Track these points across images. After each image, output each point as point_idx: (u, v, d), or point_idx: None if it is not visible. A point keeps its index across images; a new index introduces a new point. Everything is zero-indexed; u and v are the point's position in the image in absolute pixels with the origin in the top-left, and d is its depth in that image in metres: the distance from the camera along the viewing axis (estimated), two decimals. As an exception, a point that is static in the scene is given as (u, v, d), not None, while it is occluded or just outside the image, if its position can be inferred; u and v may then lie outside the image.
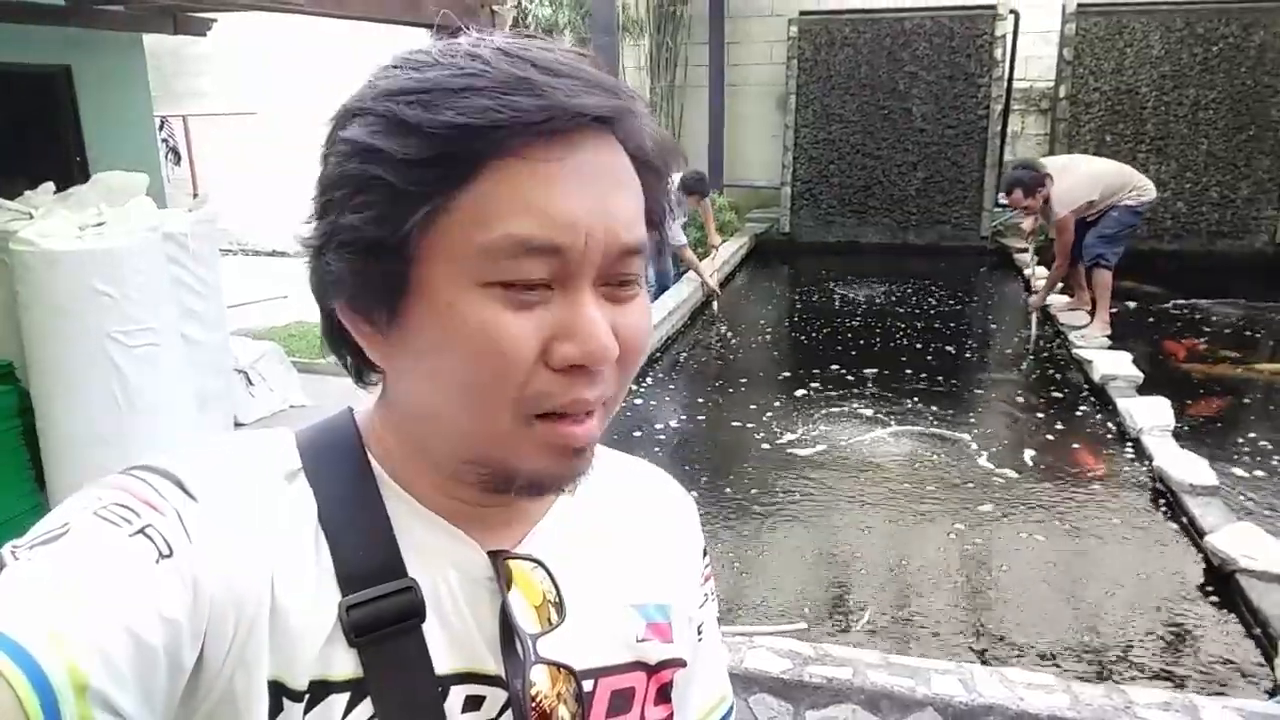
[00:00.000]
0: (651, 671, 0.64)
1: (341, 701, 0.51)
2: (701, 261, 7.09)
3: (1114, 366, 5.06)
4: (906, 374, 5.52)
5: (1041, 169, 5.74)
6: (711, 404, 5.12)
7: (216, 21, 6.70)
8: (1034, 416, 4.87)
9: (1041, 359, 5.88)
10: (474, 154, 0.48)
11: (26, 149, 6.34)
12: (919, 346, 6.15)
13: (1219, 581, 3.11)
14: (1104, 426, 4.62)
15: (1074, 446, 4.43)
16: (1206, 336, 6.23)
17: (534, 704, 0.57)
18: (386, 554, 0.54)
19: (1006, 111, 9.18)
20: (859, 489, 3.95)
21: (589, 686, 0.60)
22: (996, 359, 6.18)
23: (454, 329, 0.49)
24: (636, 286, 0.54)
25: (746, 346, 6.40)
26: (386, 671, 0.52)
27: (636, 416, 4.82)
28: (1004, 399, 5.21)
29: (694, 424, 4.86)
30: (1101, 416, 4.75)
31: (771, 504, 3.83)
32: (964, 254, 9.12)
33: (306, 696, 0.51)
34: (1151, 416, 4.35)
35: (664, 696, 0.65)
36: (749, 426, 4.70)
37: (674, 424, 4.83)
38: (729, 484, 4.03)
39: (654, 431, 4.69)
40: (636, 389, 5.22)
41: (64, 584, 0.44)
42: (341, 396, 0.62)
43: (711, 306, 7.12)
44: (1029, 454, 4.31)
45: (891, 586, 3.18)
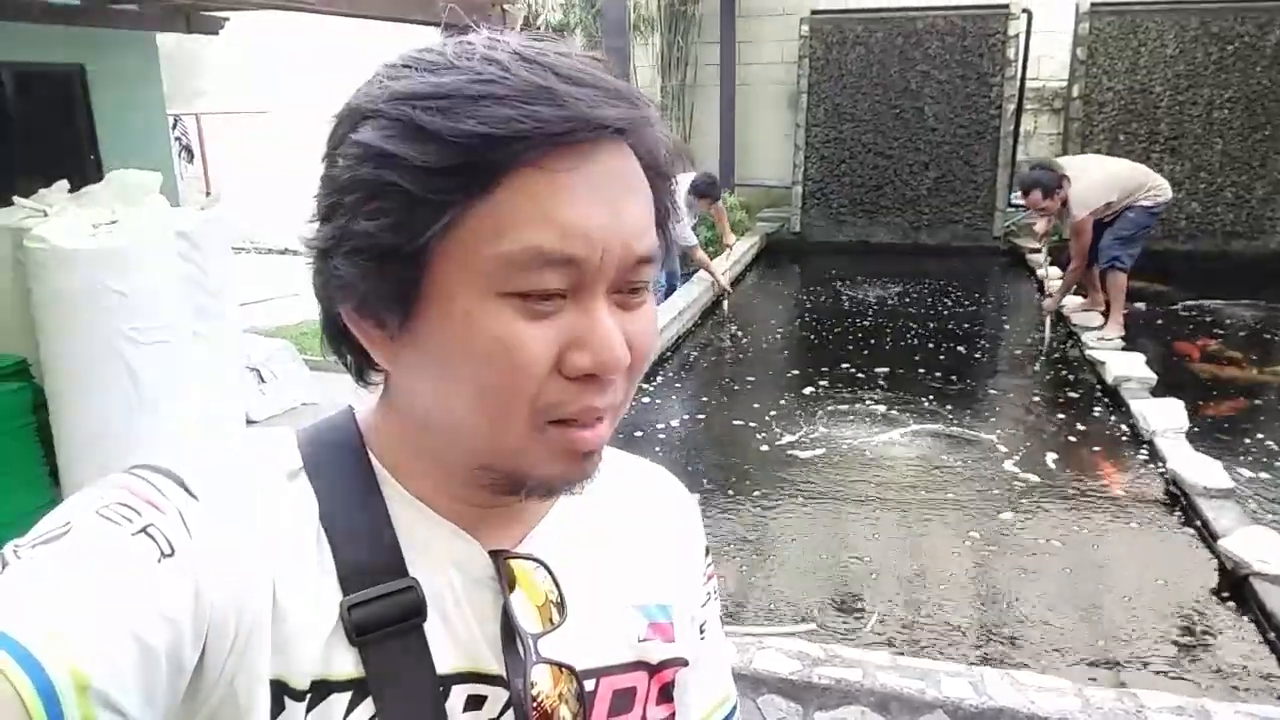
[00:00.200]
0: (653, 671, 0.64)
1: (343, 701, 0.51)
2: (714, 260, 7.08)
3: (1127, 368, 5.03)
4: (918, 374, 5.50)
5: (1059, 170, 5.65)
6: (720, 403, 5.11)
7: (229, 20, 6.75)
8: (1046, 418, 4.84)
9: (1054, 360, 5.85)
10: (493, 164, 0.47)
11: (41, 147, 6.39)
12: (931, 346, 6.12)
13: (1233, 585, 3.09)
14: (1117, 429, 4.59)
15: (1087, 449, 4.39)
16: (1221, 338, 6.18)
17: (535, 704, 0.57)
18: (388, 553, 0.54)
19: (1019, 111, 9.12)
20: (870, 488, 3.94)
21: (590, 686, 0.60)
22: (1009, 360, 6.15)
23: (470, 338, 0.49)
24: (646, 293, 0.54)
25: (757, 346, 6.39)
26: (387, 671, 0.52)
27: (644, 416, 4.82)
28: (1017, 400, 5.18)
29: (702, 423, 4.85)
30: (1115, 419, 4.72)
31: (778, 504, 3.82)
32: (976, 254, 9.07)
33: (308, 696, 0.51)
34: (1165, 419, 4.32)
35: (666, 696, 0.65)
36: (754, 426, 4.68)
37: (681, 423, 4.82)
38: (737, 483, 4.02)
39: (662, 431, 4.69)
40: (647, 388, 5.22)
41: (66, 583, 0.44)
42: (352, 395, 0.61)
43: (722, 306, 7.09)
44: (1038, 455, 4.28)
45: (901, 585, 3.17)
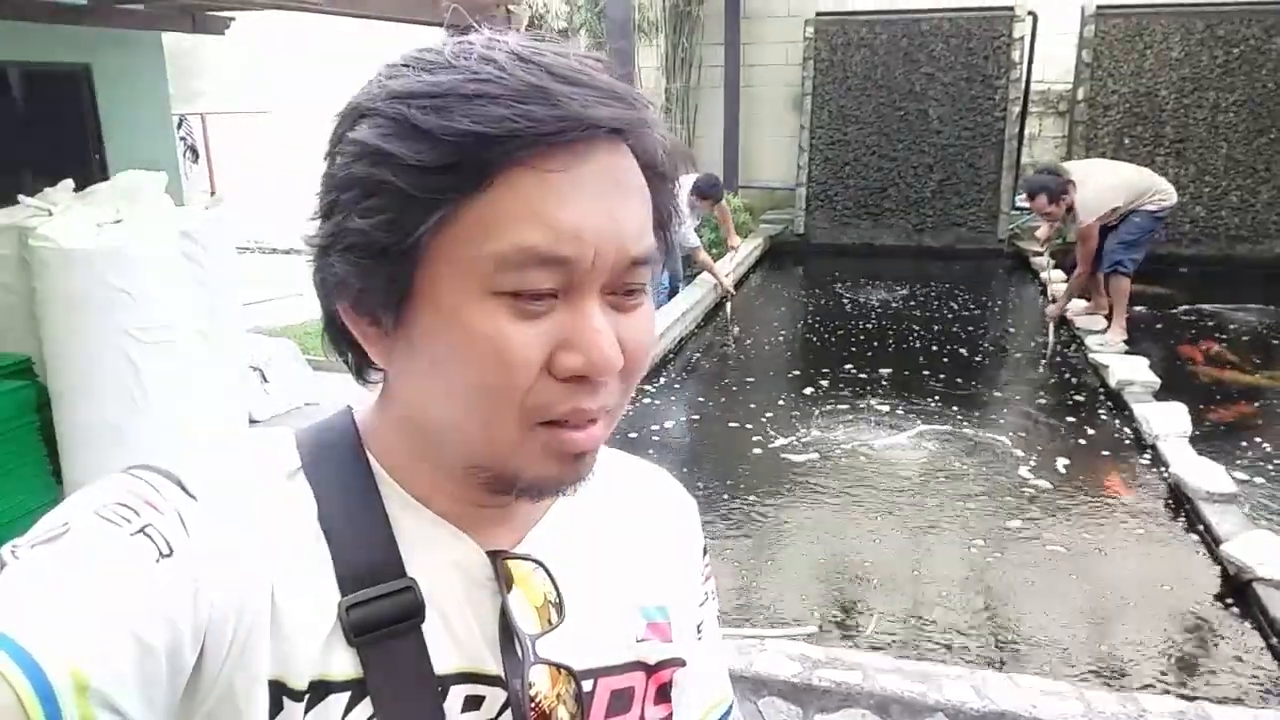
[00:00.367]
0: (651, 671, 0.64)
1: (341, 701, 0.51)
2: (718, 262, 7.06)
3: (1130, 372, 5.02)
4: (921, 376, 5.49)
5: (1065, 174, 5.62)
6: (723, 406, 5.11)
7: (235, 20, 6.75)
8: (1049, 422, 4.83)
9: (1057, 363, 5.84)
10: (486, 162, 0.47)
11: (47, 146, 6.41)
12: (934, 349, 6.11)
13: (1235, 590, 3.08)
14: (1120, 433, 4.59)
15: (1090, 453, 4.38)
16: (1224, 342, 6.17)
17: (533, 704, 0.57)
18: (386, 553, 0.54)
19: (1024, 114, 9.11)
20: (870, 490, 3.93)
21: (588, 686, 0.60)
22: (1012, 363, 6.14)
23: (460, 336, 0.49)
24: (642, 295, 0.53)
25: (760, 348, 6.38)
26: (386, 671, 0.52)
27: (645, 417, 4.82)
28: (1019, 404, 5.17)
29: (702, 425, 4.84)
30: (1118, 422, 4.71)
31: (778, 505, 3.81)
32: (980, 257, 9.06)
33: (307, 696, 0.51)
34: (1168, 423, 4.30)
35: (664, 696, 0.65)
36: (752, 427, 4.68)
37: (681, 425, 4.82)
38: (738, 486, 4.01)
39: (663, 432, 4.68)
40: (649, 390, 5.22)
41: (64, 584, 0.44)
42: (355, 394, 0.61)
43: (725, 308, 7.06)
44: (1041, 458, 4.27)
45: (903, 587, 3.17)
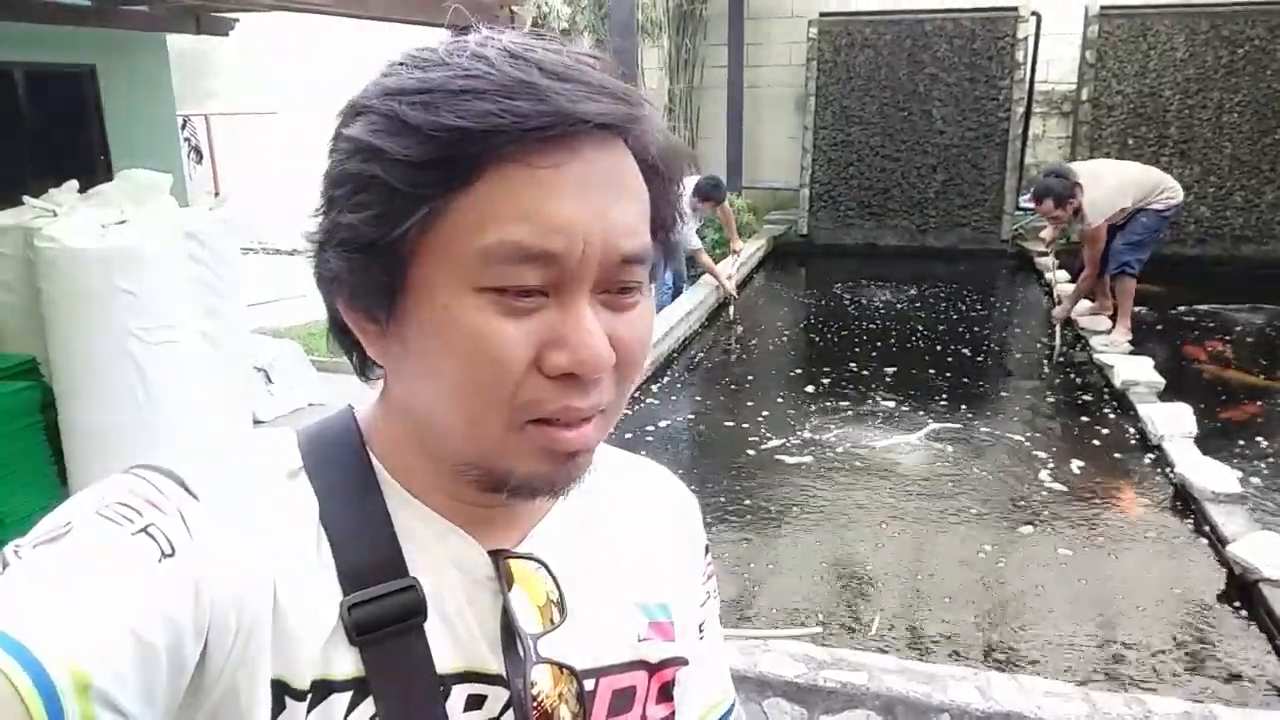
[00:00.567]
0: (653, 670, 0.64)
1: (343, 701, 0.51)
2: (719, 264, 7.05)
3: (1135, 372, 5.01)
4: (926, 376, 5.49)
5: (1072, 176, 5.57)
6: (725, 406, 5.10)
7: (239, 21, 6.77)
8: (1054, 422, 4.82)
9: (1061, 364, 5.83)
10: (473, 158, 0.47)
11: (52, 147, 6.43)
12: (938, 350, 6.10)
13: (1241, 590, 3.07)
14: (1125, 433, 4.58)
15: (1095, 453, 4.37)
16: (1229, 342, 6.15)
17: (535, 703, 0.57)
18: (388, 552, 0.54)
19: (1028, 114, 9.10)
20: (870, 492, 3.93)
21: (590, 686, 0.60)
22: (1016, 364, 6.13)
23: (448, 332, 0.49)
24: (638, 294, 0.53)
25: (764, 349, 6.38)
26: (388, 670, 0.52)
27: (645, 417, 4.82)
28: (1024, 404, 5.16)
29: (704, 425, 4.84)
30: (1123, 423, 4.70)
31: (781, 506, 3.81)
32: (984, 257, 9.04)
33: (309, 695, 0.51)
34: (1173, 423, 4.29)
35: (665, 695, 0.65)
36: (749, 428, 4.68)
37: (686, 424, 4.82)
38: (740, 485, 4.01)
39: (665, 432, 4.68)
40: (653, 390, 5.22)
41: (66, 583, 0.44)
42: (359, 395, 0.61)
43: (729, 309, 7.04)
44: (1046, 458, 4.27)
45: (906, 586, 3.16)
